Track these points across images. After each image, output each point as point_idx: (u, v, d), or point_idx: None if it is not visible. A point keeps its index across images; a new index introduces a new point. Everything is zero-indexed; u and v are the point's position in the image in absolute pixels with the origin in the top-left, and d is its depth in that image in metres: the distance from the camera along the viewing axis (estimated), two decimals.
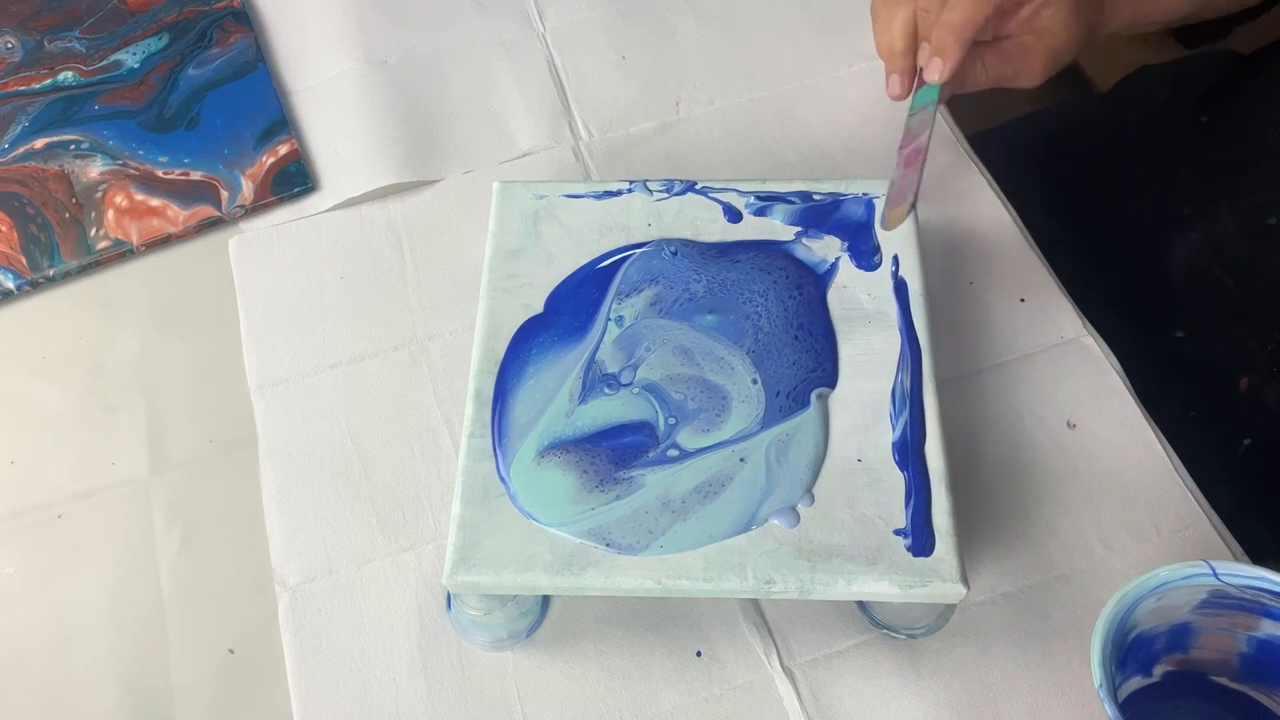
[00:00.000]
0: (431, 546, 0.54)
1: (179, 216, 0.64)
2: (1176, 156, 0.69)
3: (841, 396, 0.50)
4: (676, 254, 0.55)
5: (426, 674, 0.50)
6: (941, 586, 0.45)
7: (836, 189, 0.56)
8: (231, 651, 0.52)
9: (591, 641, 0.51)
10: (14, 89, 0.70)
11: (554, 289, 0.54)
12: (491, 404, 0.51)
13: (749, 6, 0.73)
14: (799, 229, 0.55)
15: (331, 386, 0.59)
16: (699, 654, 0.51)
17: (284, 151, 0.67)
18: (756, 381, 0.51)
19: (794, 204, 0.56)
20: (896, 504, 0.47)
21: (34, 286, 0.63)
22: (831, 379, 0.51)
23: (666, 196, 0.57)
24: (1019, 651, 0.50)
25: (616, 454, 0.49)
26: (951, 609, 0.50)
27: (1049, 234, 0.63)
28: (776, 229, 0.56)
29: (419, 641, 0.51)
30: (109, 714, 0.51)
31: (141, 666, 0.52)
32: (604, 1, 0.74)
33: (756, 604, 0.52)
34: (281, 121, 0.68)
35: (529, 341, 0.52)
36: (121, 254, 0.64)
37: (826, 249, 0.55)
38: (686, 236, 0.56)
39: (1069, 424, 0.56)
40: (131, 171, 0.66)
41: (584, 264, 0.55)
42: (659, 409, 0.50)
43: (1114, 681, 0.42)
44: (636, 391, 0.51)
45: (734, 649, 0.51)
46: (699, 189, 0.57)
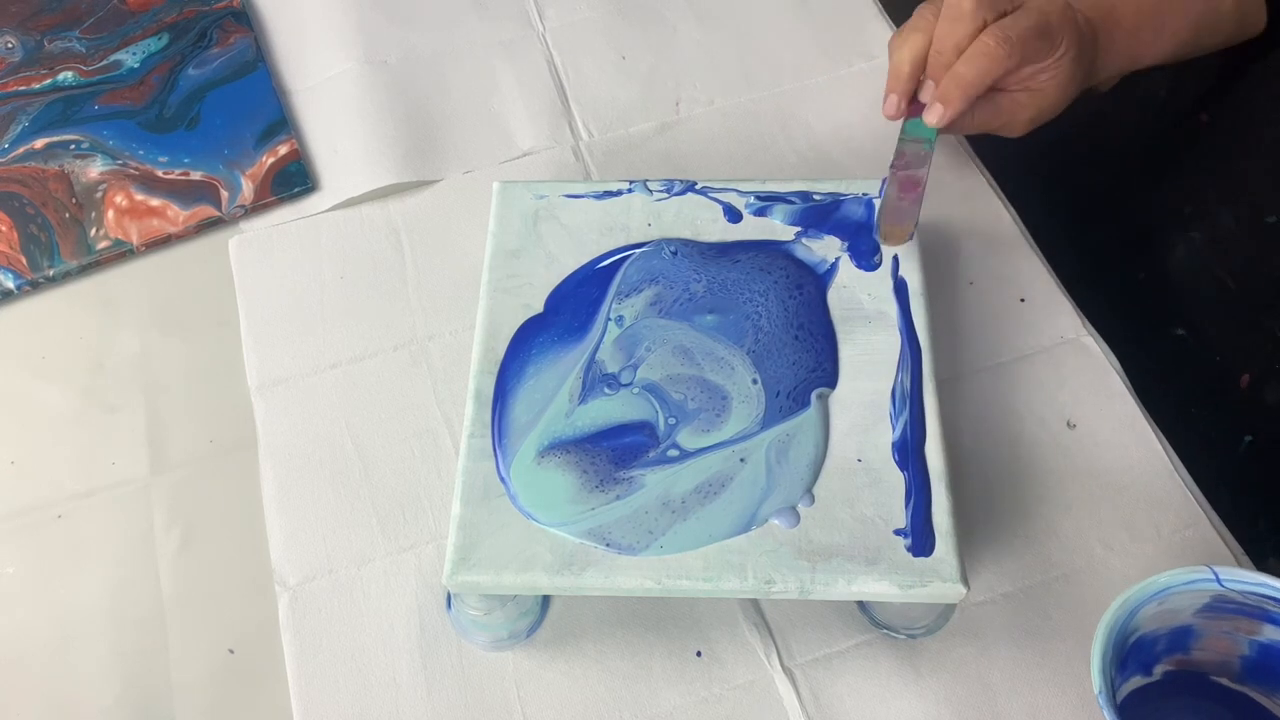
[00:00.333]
0: (431, 546, 0.54)
1: (179, 216, 0.64)
2: (1176, 156, 0.69)
3: (841, 396, 0.50)
4: (676, 254, 0.55)
5: (426, 674, 0.50)
6: (941, 586, 0.45)
7: (836, 189, 0.56)
8: (231, 651, 0.52)
9: (591, 641, 0.51)
10: (14, 89, 0.70)
11: (554, 289, 0.54)
12: (491, 404, 0.51)
13: (749, 6, 0.73)
14: (799, 229, 0.55)
15: (331, 386, 0.59)
16: (699, 654, 0.51)
17: (284, 151, 0.67)
18: (756, 381, 0.51)
19: (794, 204, 0.56)
20: (896, 504, 0.47)
21: (34, 286, 0.63)
22: (832, 379, 0.51)
23: (666, 196, 0.57)
24: (1019, 651, 0.50)
25: (616, 454, 0.49)
26: (951, 609, 0.50)
27: (1049, 234, 0.63)
28: (776, 229, 0.56)
29: (419, 641, 0.51)
30: (109, 714, 0.51)
31: (141, 666, 0.52)
32: (604, 1, 0.74)
33: (756, 604, 0.52)
34: (281, 121, 0.68)
35: (529, 341, 0.52)
36: (121, 254, 0.64)
37: (826, 249, 0.55)
38: (687, 236, 0.56)
39: (1069, 424, 0.56)
40: (131, 171, 0.66)
41: (584, 264, 0.55)
42: (659, 409, 0.50)
43: (1114, 687, 0.41)
44: (636, 391, 0.51)
45: (734, 649, 0.51)
46: (699, 189, 0.57)
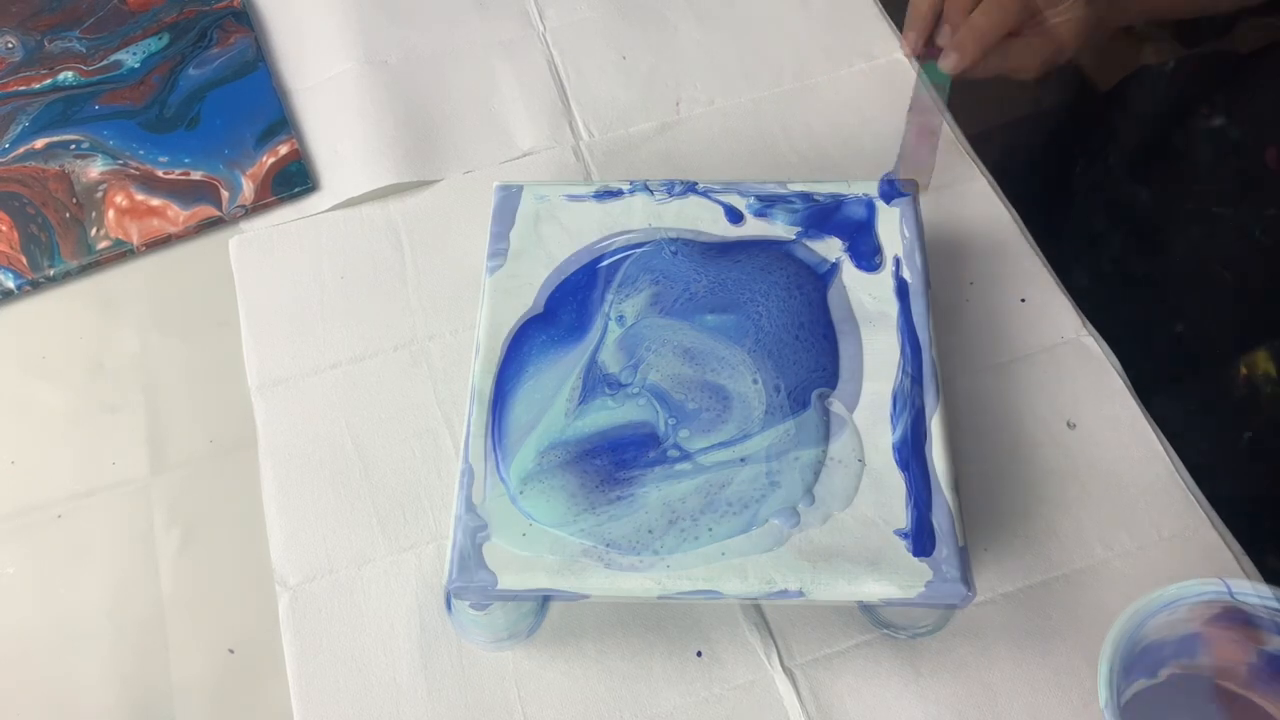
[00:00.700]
0: (431, 546, 0.54)
1: (179, 216, 0.64)
2: (1176, 156, 0.69)
3: (842, 397, 0.50)
4: (677, 253, 0.55)
5: (426, 674, 0.50)
6: (943, 587, 0.45)
7: (837, 190, 0.56)
8: (231, 651, 0.52)
9: (591, 641, 0.51)
10: (14, 89, 0.70)
11: (554, 289, 0.54)
12: (491, 404, 0.51)
13: (749, 6, 0.73)
14: (800, 230, 0.55)
15: (331, 386, 0.59)
16: (699, 654, 0.51)
17: (284, 151, 0.67)
18: (757, 382, 0.51)
19: (795, 205, 0.56)
20: (898, 505, 0.47)
21: (34, 286, 0.63)
22: (832, 379, 0.51)
23: (668, 198, 0.57)
24: (1019, 651, 0.50)
25: (617, 455, 0.49)
26: (952, 609, 0.50)
27: (1049, 234, 0.63)
28: (778, 230, 0.56)
29: (419, 641, 0.51)
30: (109, 714, 0.51)
31: (141, 666, 0.52)
32: (604, 1, 0.74)
33: (757, 604, 0.52)
34: (281, 121, 0.68)
35: (529, 341, 0.52)
36: (122, 254, 0.64)
37: (828, 250, 0.55)
38: (688, 237, 0.56)
39: (1069, 424, 0.56)
40: (132, 171, 0.66)
41: (585, 264, 0.55)
42: (660, 410, 0.50)
43: (1120, 701, 0.41)
44: (637, 392, 0.51)
45: (734, 649, 0.51)
46: (700, 190, 0.57)
